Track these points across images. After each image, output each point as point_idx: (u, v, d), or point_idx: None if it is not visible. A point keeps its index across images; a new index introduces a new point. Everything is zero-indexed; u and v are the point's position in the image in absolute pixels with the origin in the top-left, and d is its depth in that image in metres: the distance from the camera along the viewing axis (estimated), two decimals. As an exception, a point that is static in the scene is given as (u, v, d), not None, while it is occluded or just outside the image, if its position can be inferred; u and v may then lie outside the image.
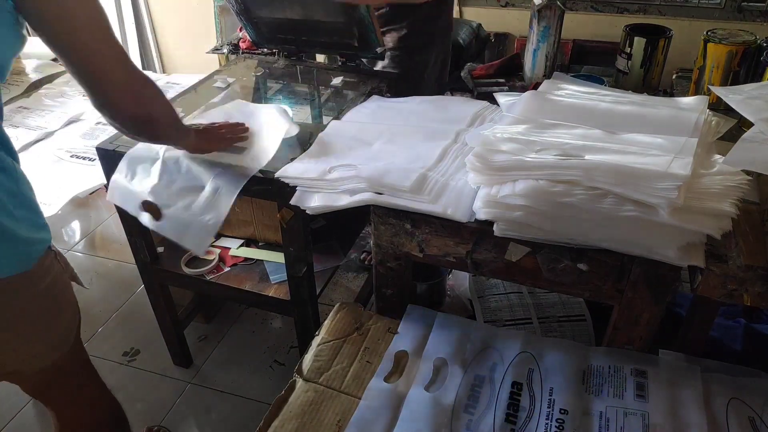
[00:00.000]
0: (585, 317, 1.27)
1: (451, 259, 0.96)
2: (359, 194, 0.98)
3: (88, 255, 2.28)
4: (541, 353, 0.94)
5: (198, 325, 1.89)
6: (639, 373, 0.90)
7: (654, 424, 0.83)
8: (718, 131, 1.00)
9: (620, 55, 1.46)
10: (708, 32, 1.33)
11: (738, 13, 2.50)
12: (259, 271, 1.47)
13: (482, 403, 0.87)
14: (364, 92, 1.48)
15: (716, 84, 1.32)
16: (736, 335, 1.27)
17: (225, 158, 1.17)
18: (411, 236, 0.97)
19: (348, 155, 1.11)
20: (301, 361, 0.93)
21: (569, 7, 2.64)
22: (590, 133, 0.96)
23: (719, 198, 0.82)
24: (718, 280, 0.82)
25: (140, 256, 1.47)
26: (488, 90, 1.51)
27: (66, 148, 1.91)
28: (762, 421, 0.84)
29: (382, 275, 1.05)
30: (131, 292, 2.06)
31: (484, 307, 1.30)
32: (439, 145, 1.09)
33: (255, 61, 1.73)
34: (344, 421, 0.84)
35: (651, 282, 0.86)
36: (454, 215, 0.92)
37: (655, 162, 0.83)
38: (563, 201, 0.84)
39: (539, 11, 1.45)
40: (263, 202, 1.41)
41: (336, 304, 1.04)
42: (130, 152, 1.22)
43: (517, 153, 0.89)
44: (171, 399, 1.67)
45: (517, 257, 0.91)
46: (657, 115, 1.02)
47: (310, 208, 1.02)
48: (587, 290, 0.91)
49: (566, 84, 1.17)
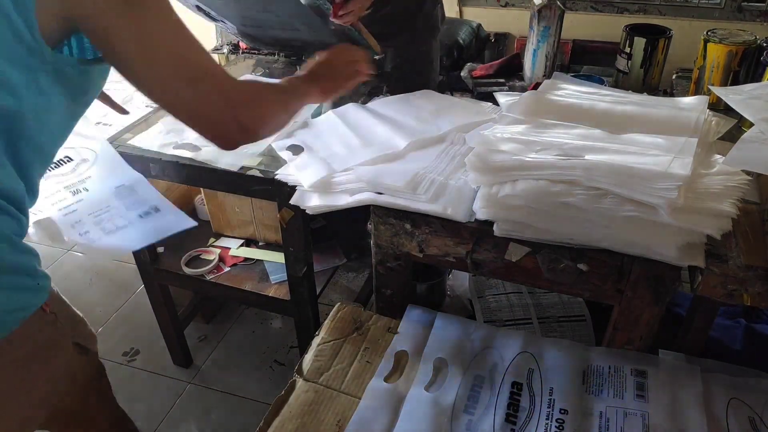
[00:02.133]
0: (585, 317, 1.27)
1: (451, 259, 0.96)
2: (359, 194, 0.98)
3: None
4: (541, 353, 0.94)
5: (198, 325, 1.89)
6: (639, 373, 0.90)
7: (654, 424, 0.83)
8: (718, 131, 1.00)
9: (620, 55, 1.46)
10: (708, 32, 1.33)
11: (738, 13, 2.50)
12: (259, 271, 1.47)
13: (482, 403, 0.87)
14: (364, 92, 1.48)
15: (716, 84, 1.32)
16: (736, 335, 1.27)
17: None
18: (411, 236, 0.97)
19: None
20: (301, 361, 0.93)
21: (569, 7, 2.64)
22: (590, 133, 0.96)
23: (719, 198, 0.82)
24: (718, 280, 0.82)
25: (140, 256, 1.47)
26: (488, 90, 1.50)
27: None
28: (762, 421, 0.83)
29: (382, 275, 1.05)
30: (131, 292, 2.06)
31: (484, 307, 1.30)
32: (435, 146, 1.10)
33: (254, 61, 1.74)
34: (344, 421, 0.84)
35: (651, 282, 0.86)
36: (453, 215, 0.92)
37: (655, 162, 0.83)
38: (563, 201, 0.84)
39: (539, 11, 1.45)
40: (263, 202, 1.41)
41: (336, 304, 1.04)
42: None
43: (517, 153, 0.89)
44: (171, 399, 1.67)
45: (517, 257, 0.91)
46: (657, 115, 1.02)
47: (310, 208, 1.02)
48: (587, 290, 0.91)
49: (566, 84, 1.17)
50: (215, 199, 1.50)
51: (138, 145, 1.26)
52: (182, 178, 1.26)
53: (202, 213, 1.63)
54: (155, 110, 1.44)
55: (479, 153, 0.91)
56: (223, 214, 1.53)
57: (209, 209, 1.54)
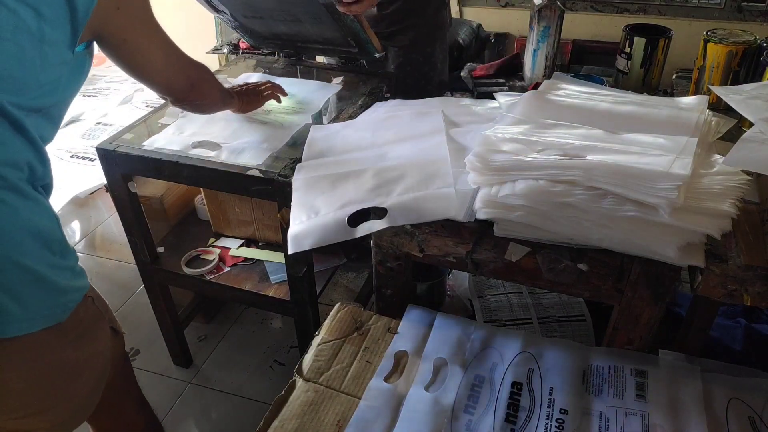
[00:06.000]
0: (585, 317, 1.27)
1: (451, 259, 0.96)
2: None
3: (88, 255, 2.28)
4: (541, 353, 0.94)
5: (198, 325, 1.89)
6: (639, 373, 0.90)
7: (654, 424, 0.83)
8: (718, 131, 1.00)
9: (620, 55, 1.46)
10: (708, 32, 1.33)
11: (738, 13, 2.51)
12: (259, 271, 1.47)
13: (482, 403, 0.87)
14: (364, 92, 1.48)
15: (716, 84, 1.32)
16: (736, 335, 1.27)
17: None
18: (411, 236, 0.97)
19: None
20: (301, 361, 0.93)
21: (569, 7, 2.64)
22: (591, 133, 0.96)
23: (719, 198, 0.82)
24: (718, 280, 0.82)
25: (140, 256, 1.47)
26: (488, 90, 1.51)
27: (66, 148, 1.92)
28: (762, 421, 0.83)
29: (382, 275, 1.05)
30: (131, 292, 2.06)
31: (484, 307, 1.30)
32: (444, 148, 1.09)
33: (254, 61, 1.74)
34: (344, 421, 0.84)
35: (651, 282, 0.86)
36: (454, 215, 0.92)
37: (656, 162, 0.83)
38: (563, 201, 0.84)
39: (539, 11, 1.45)
40: (263, 202, 1.41)
41: (336, 304, 1.04)
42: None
43: (518, 153, 0.89)
44: (171, 399, 1.67)
45: (517, 257, 0.91)
46: (657, 115, 1.02)
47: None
48: (587, 290, 0.91)
49: (566, 84, 1.17)
50: (215, 199, 1.50)
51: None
52: (182, 178, 1.26)
53: (202, 213, 1.63)
54: (154, 111, 1.44)
55: (479, 153, 0.91)
56: (223, 214, 1.53)
57: (209, 209, 1.54)
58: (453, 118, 1.19)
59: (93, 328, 0.90)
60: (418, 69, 1.68)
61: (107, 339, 0.94)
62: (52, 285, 0.80)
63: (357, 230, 0.93)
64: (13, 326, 0.77)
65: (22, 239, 0.76)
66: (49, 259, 0.80)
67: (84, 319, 0.87)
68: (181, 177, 1.25)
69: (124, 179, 1.32)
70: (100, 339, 0.92)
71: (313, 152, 1.16)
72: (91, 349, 0.90)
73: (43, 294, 0.79)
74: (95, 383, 0.93)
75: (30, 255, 0.77)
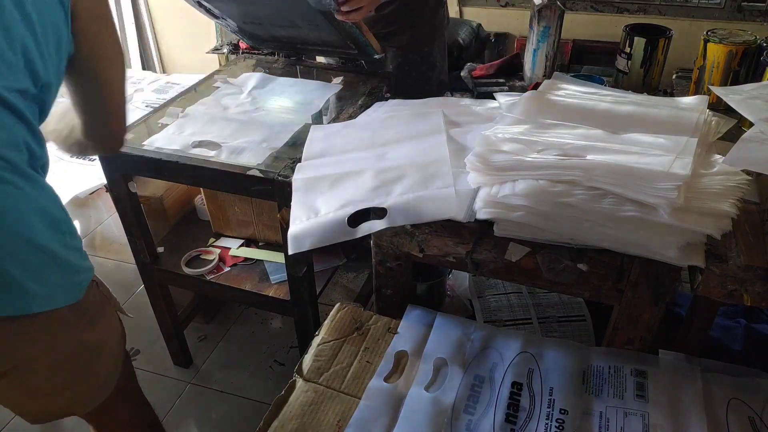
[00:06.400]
0: (585, 317, 1.27)
1: (451, 259, 0.96)
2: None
3: (88, 255, 2.28)
4: (541, 353, 0.94)
5: (198, 325, 1.89)
6: (639, 373, 0.90)
7: (654, 424, 0.83)
8: (718, 131, 1.00)
9: (620, 55, 1.46)
10: (708, 32, 1.33)
11: (738, 13, 2.51)
12: (259, 271, 1.47)
13: (482, 404, 0.87)
14: (364, 92, 1.48)
15: (716, 84, 1.32)
16: (736, 335, 1.27)
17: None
18: (411, 236, 0.97)
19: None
20: (301, 361, 0.93)
21: (569, 7, 2.64)
22: (591, 133, 0.96)
23: (719, 198, 0.82)
24: (718, 280, 0.82)
25: (140, 256, 1.47)
26: (488, 90, 1.50)
27: (66, 148, 1.92)
28: (762, 421, 0.83)
29: (382, 275, 1.05)
30: (131, 292, 2.06)
31: (484, 307, 1.30)
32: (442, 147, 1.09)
33: (254, 61, 1.74)
34: (344, 421, 0.84)
35: (651, 282, 0.86)
36: (454, 215, 0.92)
37: (656, 162, 0.83)
38: (563, 201, 0.83)
39: (539, 11, 1.45)
40: (263, 202, 1.41)
41: (336, 304, 1.04)
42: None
43: (518, 153, 0.89)
44: (171, 399, 1.67)
45: (517, 257, 0.91)
46: (657, 114, 1.02)
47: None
48: (587, 290, 0.91)
49: (566, 84, 1.17)
50: (215, 199, 1.50)
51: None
52: (182, 178, 1.26)
53: (202, 213, 1.63)
54: (154, 111, 1.44)
55: (479, 153, 0.91)
56: (223, 214, 1.53)
57: (209, 209, 1.54)
58: (453, 118, 1.19)
59: (103, 312, 0.93)
60: (417, 69, 1.67)
61: (117, 323, 0.98)
62: (66, 263, 0.83)
63: (357, 230, 0.94)
64: (36, 302, 0.79)
65: (34, 220, 0.78)
66: (60, 239, 0.82)
67: (95, 302, 0.90)
68: (181, 177, 1.25)
69: (124, 179, 1.32)
70: (113, 322, 0.96)
71: (313, 152, 1.16)
72: (107, 330, 0.94)
73: (60, 272, 0.82)
74: (113, 364, 0.97)
75: (43, 235, 0.79)
